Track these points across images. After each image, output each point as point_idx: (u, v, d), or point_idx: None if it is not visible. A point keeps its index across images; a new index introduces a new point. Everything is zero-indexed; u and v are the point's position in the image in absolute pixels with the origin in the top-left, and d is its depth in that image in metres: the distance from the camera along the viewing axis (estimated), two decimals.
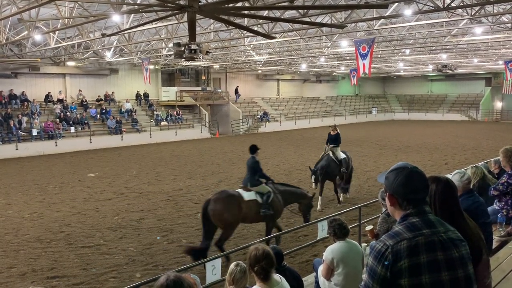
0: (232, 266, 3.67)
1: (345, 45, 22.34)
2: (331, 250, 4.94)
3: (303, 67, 37.27)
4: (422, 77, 53.65)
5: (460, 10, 14.50)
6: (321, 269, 5.11)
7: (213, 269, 5.22)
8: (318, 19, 16.54)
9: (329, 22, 15.71)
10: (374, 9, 14.70)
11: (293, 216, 11.57)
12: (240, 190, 8.81)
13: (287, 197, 9.18)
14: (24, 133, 25.68)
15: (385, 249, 2.14)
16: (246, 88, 42.83)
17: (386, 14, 14.55)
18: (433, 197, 2.84)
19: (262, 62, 33.61)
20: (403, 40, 23.09)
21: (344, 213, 8.27)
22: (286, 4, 12.06)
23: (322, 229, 7.07)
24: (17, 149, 24.69)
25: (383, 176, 2.45)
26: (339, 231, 4.99)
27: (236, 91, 40.83)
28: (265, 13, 14.33)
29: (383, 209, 5.98)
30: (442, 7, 12.49)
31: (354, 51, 17.49)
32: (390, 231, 2.24)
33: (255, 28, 15.45)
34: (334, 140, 13.27)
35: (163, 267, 8.20)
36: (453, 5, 12.73)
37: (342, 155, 13.08)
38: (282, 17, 14.51)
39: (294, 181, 16.29)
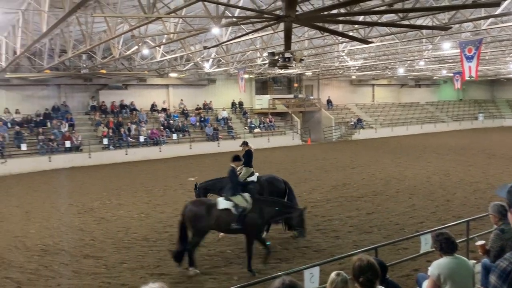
0: (333, 275, 3.64)
1: (447, 47, 20.94)
2: (438, 265, 4.64)
3: (401, 71, 35.65)
4: None
5: None
6: (425, 284, 4.84)
7: (311, 277, 5.20)
8: (419, 22, 15.75)
9: (430, 24, 14.88)
10: (483, 8, 13.61)
11: (392, 228, 11.11)
12: None
13: None
14: (133, 140, 28.05)
15: (511, 268, 1.97)
16: (339, 95, 42.17)
17: (496, 13, 13.36)
18: None
19: (357, 68, 32.86)
20: None
21: (449, 227, 7.72)
22: (384, 8, 11.68)
23: (426, 243, 6.69)
24: (126, 154, 27.05)
25: (504, 189, 2.26)
26: (446, 245, 4.68)
27: (329, 102, 40.45)
28: (361, 18, 14.03)
29: (495, 225, 5.51)
30: None
31: (459, 54, 16.33)
32: None
33: (351, 34, 15.19)
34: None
35: (259, 272, 8.37)
36: None
37: (251, 179, 10.95)
38: (379, 21, 14.08)
39: (391, 191, 15.66)
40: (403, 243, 9.38)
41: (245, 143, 12.07)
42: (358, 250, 5.76)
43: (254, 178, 11.08)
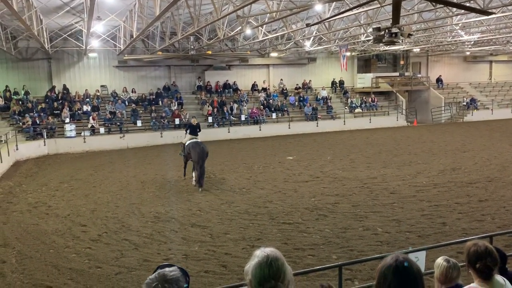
0: (440, 260, 3.45)
1: None
2: None
3: None
4: None
5: None
6: None
7: (417, 261, 4.98)
8: None
9: None
10: None
11: (508, 218, 10.14)
12: None
13: None
14: (235, 118, 29.10)
15: None
16: (450, 72, 38.93)
17: None
18: None
19: (472, 43, 29.94)
20: None
21: None
22: None
23: None
24: (229, 132, 28.20)
25: None
26: None
27: (439, 80, 37.57)
28: None
29: None
30: None
31: None
32: None
33: (467, 4, 13.84)
34: None
35: (359, 252, 8.26)
36: None
37: (187, 142, 14.58)
38: None
39: (509, 178, 14.25)
40: None
41: (191, 117, 17.26)
42: (471, 237, 5.36)
43: (188, 142, 14.51)
